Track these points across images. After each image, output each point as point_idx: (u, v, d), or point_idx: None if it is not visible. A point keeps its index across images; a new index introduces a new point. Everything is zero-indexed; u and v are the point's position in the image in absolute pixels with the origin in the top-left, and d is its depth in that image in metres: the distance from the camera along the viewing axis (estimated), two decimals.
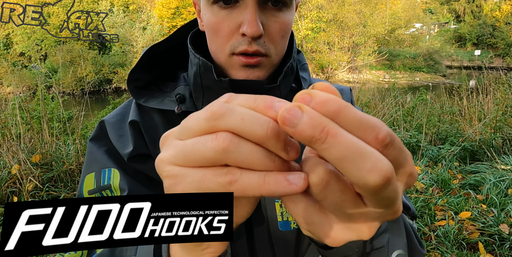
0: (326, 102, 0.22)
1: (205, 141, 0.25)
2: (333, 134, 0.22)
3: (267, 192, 0.24)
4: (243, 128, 0.24)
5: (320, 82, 0.25)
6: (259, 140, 0.24)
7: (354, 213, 0.26)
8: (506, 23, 27.11)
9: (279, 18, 0.57)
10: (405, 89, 7.23)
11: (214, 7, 0.57)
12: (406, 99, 5.66)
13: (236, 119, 0.24)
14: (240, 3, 0.55)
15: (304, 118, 0.22)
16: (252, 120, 0.24)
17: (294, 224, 0.71)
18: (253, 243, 0.70)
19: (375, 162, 0.21)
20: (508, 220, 2.48)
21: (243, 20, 0.55)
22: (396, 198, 0.24)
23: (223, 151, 0.24)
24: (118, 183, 0.60)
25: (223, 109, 0.25)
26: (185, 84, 0.69)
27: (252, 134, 0.24)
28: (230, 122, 0.24)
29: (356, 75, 20.03)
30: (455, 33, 29.89)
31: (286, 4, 0.57)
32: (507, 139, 4.08)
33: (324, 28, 21.05)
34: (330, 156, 0.22)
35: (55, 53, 18.05)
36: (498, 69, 7.27)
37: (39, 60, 17.96)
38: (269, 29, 0.57)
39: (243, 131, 0.24)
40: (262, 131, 0.24)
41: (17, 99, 3.74)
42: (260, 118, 0.24)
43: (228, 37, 0.57)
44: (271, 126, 0.24)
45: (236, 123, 0.24)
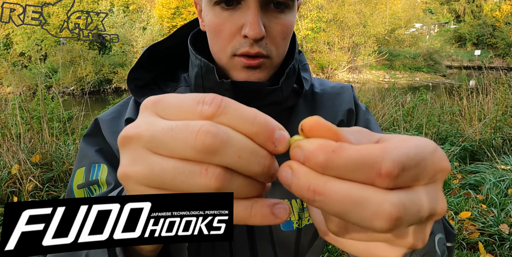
0: (312, 155, 0.21)
1: (192, 174, 0.22)
2: (320, 192, 0.21)
3: (252, 224, 0.24)
4: (239, 167, 0.22)
5: (308, 120, 0.23)
6: (254, 175, 0.23)
7: (389, 240, 0.25)
8: (506, 23, 27.10)
9: (281, 20, 0.57)
10: (405, 89, 7.24)
11: (216, 8, 0.57)
12: (406, 99, 5.66)
13: (233, 157, 0.22)
14: (242, 4, 0.55)
15: (293, 179, 0.22)
16: (251, 158, 0.22)
17: (296, 224, 0.72)
18: (255, 242, 0.70)
19: (376, 209, 0.20)
20: (508, 220, 2.48)
21: (245, 22, 0.55)
22: (422, 218, 0.22)
23: (213, 189, 0.22)
24: (105, 177, 0.61)
25: (218, 141, 0.21)
26: (185, 85, 0.69)
27: (247, 171, 0.23)
28: (226, 160, 0.22)
29: (356, 75, 20.04)
30: (455, 33, 29.89)
31: (288, 5, 0.57)
32: (507, 139, 4.08)
33: (324, 28, 21.05)
34: (329, 212, 0.21)
35: (55, 53, 18.04)
36: (498, 69, 7.27)
37: (39, 60, 17.95)
38: (271, 31, 0.57)
39: (239, 169, 0.23)
40: (259, 169, 0.23)
41: (17, 99, 3.74)
42: (258, 154, 0.23)
43: (229, 38, 0.57)
44: (268, 164, 0.23)
45: (233, 161, 0.22)
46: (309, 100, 0.74)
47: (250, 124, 0.23)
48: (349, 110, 0.74)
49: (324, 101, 0.75)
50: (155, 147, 0.22)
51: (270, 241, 0.71)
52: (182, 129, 0.22)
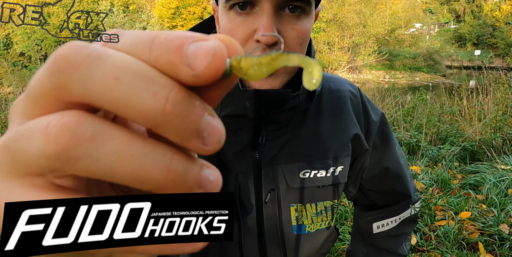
0: None
1: (32, 132, 0.14)
2: None
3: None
4: (116, 100, 0.13)
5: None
6: (148, 125, 0.14)
7: None
8: (506, 23, 27.10)
9: (296, 25, 0.56)
10: (405, 89, 7.24)
11: (230, 12, 0.56)
12: (406, 99, 5.66)
13: (105, 79, 0.13)
14: (256, 9, 0.54)
15: None
16: (138, 83, 0.13)
17: (308, 228, 0.72)
18: (265, 246, 0.71)
19: None
20: (508, 220, 2.48)
21: (258, 26, 0.54)
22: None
23: (58, 156, 0.14)
24: None
25: (81, 53, 0.13)
26: None
27: (132, 111, 0.13)
28: (88, 83, 0.13)
29: (356, 75, 20.04)
30: (455, 33, 29.89)
31: (304, 10, 0.56)
32: (507, 139, 4.08)
33: (324, 28, 21.04)
34: None
35: None
36: (498, 69, 7.26)
37: (39, 60, 17.96)
38: (286, 36, 0.56)
39: (114, 104, 0.13)
40: (154, 104, 0.13)
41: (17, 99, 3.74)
42: (151, 80, 0.14)
43: (242, 43, 0.56)
44: (173, 97, 0.14)
45: (104, 87, 0.13)
46: (319, 101, 0.74)
47: (146, 44, 0.14)
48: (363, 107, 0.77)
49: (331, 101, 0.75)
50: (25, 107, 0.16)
51: (280, 245, 0.72)
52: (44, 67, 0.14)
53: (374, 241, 0.89)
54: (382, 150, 0.81)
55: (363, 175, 0.82)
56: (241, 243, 0.70)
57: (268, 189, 0.69)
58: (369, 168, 0.80)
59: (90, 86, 0.13)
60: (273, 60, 0.17)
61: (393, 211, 0.87)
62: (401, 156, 0.86)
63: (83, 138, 0.13)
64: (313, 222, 0.73)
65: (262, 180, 0.68)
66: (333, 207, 0.75)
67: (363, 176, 0.82)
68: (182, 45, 0.14)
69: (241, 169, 0.67)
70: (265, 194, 0.69)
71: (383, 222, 0.86)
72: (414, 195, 0.89)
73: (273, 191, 0.69)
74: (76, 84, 0.13)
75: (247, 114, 0.62)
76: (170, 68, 0.14)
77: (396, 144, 0.85)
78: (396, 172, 0.84)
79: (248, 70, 0.16)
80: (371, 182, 0.84)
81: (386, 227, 0.87)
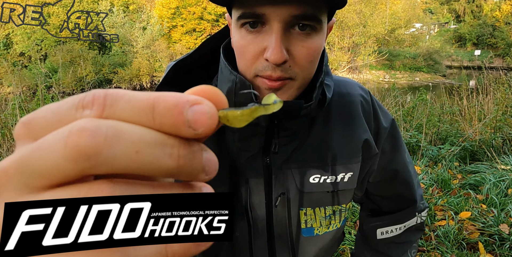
0: None
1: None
2: None
3: None
4: (142, 166, 0.16)
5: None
6: (172, 175, 0.18)
7: None
8: (506, 23, 27.10)
9: (306, 43, 0.56)
10: (405, 89, 7.24)
11: (242, 30, 0.57)
12: (406, 99, 5.66)
13: (128, 154, 0.16)
14: (266, 27, 0.55)
15: None
16: (155, 151, 0.16)
17: (317, 230, 0.74)
18: (274, 248, 0.72)
19: None
20: (508, 220, 2.48)
21: (268, 45, 0.55)
22: None
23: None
24: None
25: (101, 139, 0.15)
26: None
27: (158, 169, 0.17)
28: (118, 162, 0.16)
29: (356, 75, 20.04)
30: (455, 33, 29.89)
31: (314, 28, 0.56)
32: (507, 139, 4.08)
33: None
34: None
35: (55, 53, 18.05)
36: (498, 69, 7.27)
37: (39, 60, 17.95)
38: (296, 54, 0.56)
39: (143, 169, 0.17)
40: (172, 162, 0.17)
41: (17, 99, 3.74)
42: (164, 144, 0.17)
43: (252, 60, 0.57)
44: (183, 153, 0.17)
45: (130, 160, 0.16)
46: (329, 105, 0.73)
47: (148, 112, 0.17)
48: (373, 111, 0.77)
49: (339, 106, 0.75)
50: (25, 182, 0.16)
51: (289, 247, 0.73)
52: (50, 141, 0.16)
53: (377, 246, 0.89)
54: (392, 155, 0.80)
55: (370, 179, 0.82)
56: (251, 245, 0.72)
57: (278, 193, 0.69)
58: (377, 172, 0.80)
59: (115, 164, 0.16)
60: (252, 112, 0.20)
61: (398, 218, 0.86)
62: (410, 163, 0.85)
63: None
64: (321, 225, 0.74)
65: (272, 184, 0.69)
66: (341, 211, 0.75)
67: (370, 180, 0.82)
68: (181, 112, 0.17)
69: (252, 173, 0.68)
70: (275, 198, 0.70)
71: (387, 228, 0.86)
72: (421, 203, 0.88)
73: (283, 195, 0.70)
74: (102, 165, 0.16)
75: (260, 123, 0.63)
76: (174, 130, 0.17)
77: (406, 152, 0.84)
78: (404, 177, 0.84)
79: (233, 120, 0.19)
80: (377, 186, 0.84)
81: (390, 234, 0.86)
